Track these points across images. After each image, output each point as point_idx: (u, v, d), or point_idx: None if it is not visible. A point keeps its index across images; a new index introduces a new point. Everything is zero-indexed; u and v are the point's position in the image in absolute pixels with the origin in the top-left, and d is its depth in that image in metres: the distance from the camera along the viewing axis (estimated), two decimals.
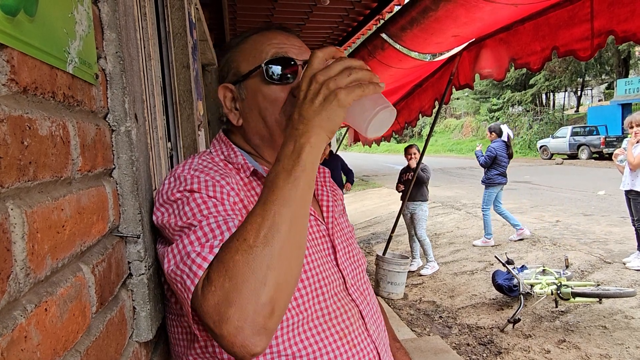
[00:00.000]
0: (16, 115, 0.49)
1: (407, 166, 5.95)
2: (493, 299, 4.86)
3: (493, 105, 31.25)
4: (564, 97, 35.16)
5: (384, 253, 5.39)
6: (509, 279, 4.48)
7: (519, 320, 4.11)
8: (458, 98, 34.61)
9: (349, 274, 0.98)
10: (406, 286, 5.36)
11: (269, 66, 0.92)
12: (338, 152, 8.00)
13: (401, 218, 5.77)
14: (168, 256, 0.77)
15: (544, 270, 4.65)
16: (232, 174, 0.91)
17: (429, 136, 5.45)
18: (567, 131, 21.73)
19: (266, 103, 0.93)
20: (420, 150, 5.67)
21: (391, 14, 4.72)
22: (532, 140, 26.34)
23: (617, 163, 5.53)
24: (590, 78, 30.66)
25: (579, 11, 2.94)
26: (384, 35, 3.77)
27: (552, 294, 4.28)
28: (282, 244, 0.67)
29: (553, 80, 27.55)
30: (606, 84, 31.59)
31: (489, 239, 6.77)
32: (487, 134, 7.00)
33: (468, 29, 3.53)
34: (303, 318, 0.86)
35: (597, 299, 4.12)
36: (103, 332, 0.69)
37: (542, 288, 4.33)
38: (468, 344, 4.02)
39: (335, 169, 6.57)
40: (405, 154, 5.95)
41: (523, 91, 29.39)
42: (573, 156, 21.37)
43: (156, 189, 0.94)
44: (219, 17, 4.74)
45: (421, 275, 5.90)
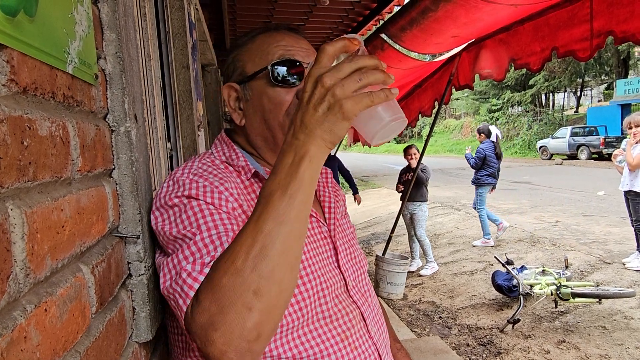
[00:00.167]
0: (16, 115, 0.49)
1: (407, 166, 5.95)
2: (493, 300, 4.87)
3: (493, 105, 31.27)
4: (564, 98, 35.19)
5: (384, 253, 5.39)
6: (509, 280, 4.48)
7: (519, 320, 4.11)
8: (458, 98, 34.64)
9: (350, 276, 0.98)
10: (406, 286, 5.36)
11: (275, 68, 0.91)
12: (338, 153, 7.99)
13: (401, 218, 5.77)
14: (163, 270, 0.78)
15: (544, 270, 4.65)
16: (233, 178, 0.91)
17: (429, 136, 5.45)
18: (567, 132, 21.76)
19: (270, 105, 0.93)
20: (419, 150, 5.67)
21: (391, 15, 4.72)
22: (532, 140, 26.35)
23: (616, 164, 5.53)
24: (589, 78, 30.68)
25: (579, 12, 2.94)
26: (384, 35, 3.77)
27: (552, 295, 4.28)
28: (272, 268, 0.63)
29: (553, 80, 27.57)
30: (606, 85, 31.62)
31: (489, 239, 6.78)
32: (477, 136, 7.08)
33: (468, 30, 3.54)
34: (303, 320, 0.85)
35: (597, 300, 4.12)
36: (103, 333, 0.69)
37: (542, 288, 4.33)
38: (468, 345, 4.02)
39: (332, 171, 6.56)
40: (404, 155, 5.95)
41: (523, 92, 29.41)
42: (572, 156, 21.38)
43: (155, 190, 0.94)
44: (219, 18, 4.74)
45: (421, 275, 5.90)
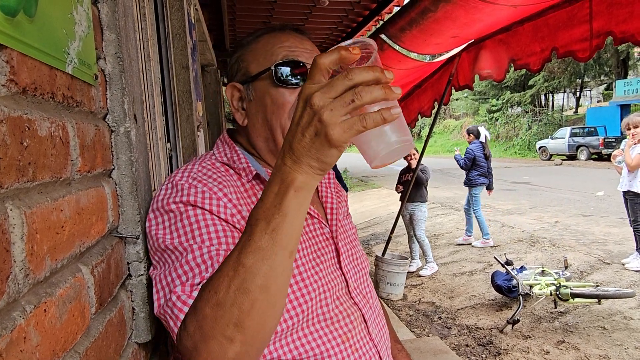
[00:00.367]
0: (15, 115, 0.49)
1: (407, 167, 5.95)
2: (492, 300, 4.86)
3: (492, 106, 31.27)
4: (563, 98, 35.20)
5: (383, 254, 5.39)
6: (508, 280, 4.48)
7: (518, 321, 4.11)
8: (457, 99, 34.64)
9: (352, 277, 0.97)
10: (405, 287, 5.35)
11: (279, 68, 0.91)
12: None
13: (400, 219, 5.77)
14: (156, 287, 0.79)
15: (543, 271, 4.65)
16: (233, 181, 0.90)
17: (428, 137, 5.45)
18: (566, 132, 21.77)
19: (273, 106, 0.92)
20: (419, 151, 5.67)
21: (390, 15, 4.72)
22: (531, 141, 26.37)
23: (616, 164, 5.54)
24: (589, 79, 30.70)
25: (578, 12, 2.94)
26: (383, 36, 3.77)
27: (551, 295, 4.28)
28: (253, 302, 0.62)
29: (552, 81, 27.59)
30: (605, 85, 31.65)
31: (488, 239, 6.79)
32: (465, 136, 7.13)
33: (467, 30, 3.54)
34: (304, 322, 0.85)
35: (596, 300, 4.12)
36: (102, 333, 0.69)
37: (541, 289, 4.33)
38: (467, 345, 4.02)
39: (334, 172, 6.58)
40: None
41: (522, 92, 29.41)
42: (572, 157, 21.40)
43: (155, 190, 0.94)
44: (219, 18, 4.74)
45: (420, 276, 5.90)
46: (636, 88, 21.50)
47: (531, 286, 4.39)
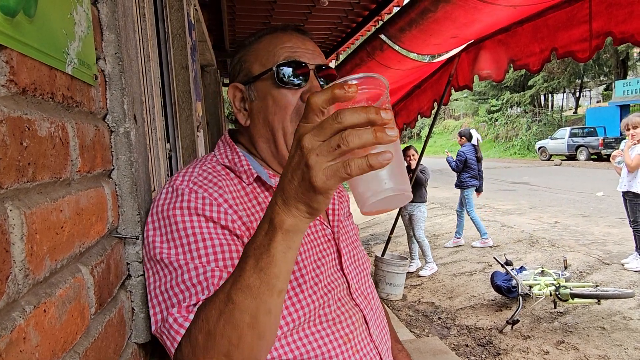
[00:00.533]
0: (15, 116, 0.49)
1: (406, 167, 5.96)
2: (492, 300, 4.86)
3: (492, 106, 31.28)
4: (563, 99, 35.22)
5: (383, 254, 5.40)
6: (508, 280, 4.48)
7: (518, 321, 4.11)
8: (457, 99, 34.64)
9: (353, 279, 0.97)
10: (405, 287, 5.35)
11: (280, 69, 0.90)
12: None
13: (400, 219, 5.77)
14: (152, 301, 0.80)
15: (543, 271, 4.65)
16: (233, 185, 0.89)
17: (428, 137, 5.45)
18: (566, 132, 21.79)
19: (275, 107, 0.92)
20: (418, 151, 5.67)
21: (390, 16, 4.72)
22: (531, 141, 26.39)
23: (615, 164, 5.54)
24: (588, 79, 30.72)
25: (578, 12, 2.94)
26: (383, 36, 3.77)
27: (551, 295, 4.28)
28: (240, 337, 0.64)
29: (552, 81, 27.60)
30: (604, 86, 31.67)
31: (487, 239, 6.79)
32: (458, 139, 7.17)
33: (467, 31, 3.54)
34: (305, 323, 0.85)
35: (596, 300, 4.12)
36: (102, 334, 0.69)
37: (541, 289, 4.33)
38: (467, 345, 4.02)
39: None
40: (403, 156, 5.96)
41: (522, 92, 29.42)
42: (571, 157, 21.42)
43: (155, 191, 0.94)
44: (218, 19, 4.74)
45: (420, 276, 5.90)
46: (635, 88, 21.53)
47: (531, 286, 4.40)
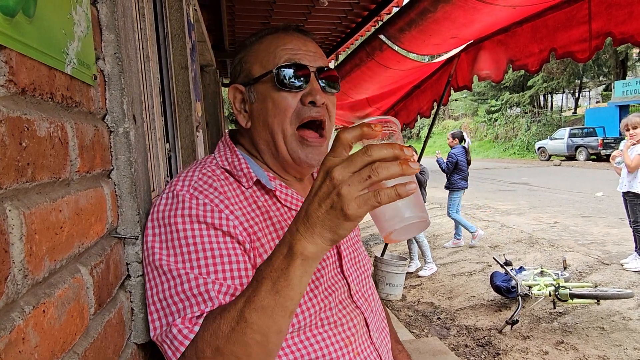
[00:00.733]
0: (14, 116, 0.49)
1: None
2: (491, 301, 4.87)
3: (491, 106, 31.29)
4: (562, 99, 35.24)
5: (383, 254, 5.39)
6: (507, 281, 4.48)
7: (517, 321, 4.11)
8: (456, 99, 34.63)
9: (354, 281, 0.97)
10: (404, 287, 5.35)
11: (281, 71, 0.90)
12: None
13: None
14: (150, 308, 0.80)
15: (542, 271, 4.65)
16: (233, 190, 0.89)
17: (427, 137, 5.45)
18: (565, 133, 21.81)
19: (275, 110, 0.91)
20: (418, 152, 5.67)
21: (390, 16, 4.72)
22: (530, 141, 26.40)
23: (615, 165, 5.55)
24: (588, 80, 30.76)
25: (577, 13, 2.94)
26: (383, 36, 3.77)
27: (550, 295, 4.28)
28: (250, 354, 0.68)
29: (551, 81, 27.63)
30: (604, 86, 31.70)
31: (475, 231, 6.81)
32: (449, 139, 7.17)
33: (466, 31, 3.54)
34: (306, 325, 0.85)
35: (595, 300, 4.12)
36: (101, 334, 0.69)
37: (540, 289, 4.33)
38: (466, 346, 4.02)
39: None
40: None
41: (521, 93, 29.44)
42: (571, 157, 21.43)
43: (154, 191, 0.93)
44: (218, 19, 4.74)
45: (419, 276, 5.90)
46: (635, 89, 21.55)
47: (530, 287, 4.40)
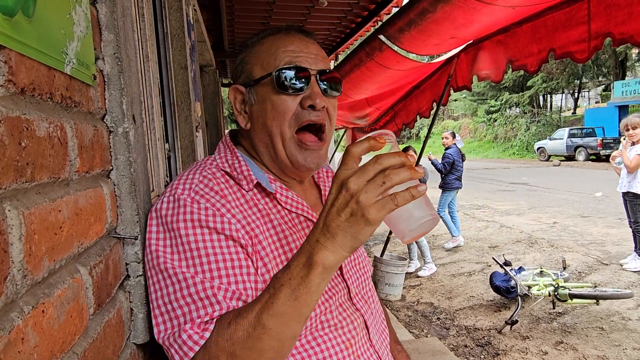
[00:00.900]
0: (14, 116, 0.49)
1: None
2: (491, 301, 4.87)
3: (491, 107, 31.30)
4: (561, 99, 35.26)
5: (382, 254, 5.39)
6: (507, 281, 4.48)
7: (517, 321, 4.11)
8: (456, 100, 34.63)
9: (354, 283, 0.97)
10: (404, 288, 5.35)
11: (282, 73, 0.89)
12: (337, 153, 7.99)
13: None
14: (155, 311, 0.79)
15: (542, 271, 4.65)
16: (233, 193, 0.88)
17: (427, 138, 5.45)
18: (565, 133, 21.82)
19: (274, 112, 0.90)
20: (417, 152, 5.67)
21: (389, 16, 4.72)
22: (530, 141, 26.41)
23: (615, 165, 5.55)
24: (587, 80, 30.77)
25: (576, 13, 2.94)
26: (382, 37, 3.77)
27: (550, 296, 4.28)
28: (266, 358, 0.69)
29: (550, 82, 27.63)
30: (603, 86, 31.71)
31: (456, 236, 6.86)
32: (445, 139, 7.13)
33: (466, 31, 3.54)
34: (307, 329, 0.85)
35: (595, 301, 4.12)
36: (100, 334, 0.69)
37: (540, 289, 4.33)
38: (466, 346, 4.02)
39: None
40: None
41: (520, 93, 29.45)
42: (570, 158, 21.45)
43: (154, 191, 0.93)
44: (217, 19, 4.74)
45: (419, 276, 5.90)
46: (634, 89, 21.57)
47: (529, 287, 4.40)
